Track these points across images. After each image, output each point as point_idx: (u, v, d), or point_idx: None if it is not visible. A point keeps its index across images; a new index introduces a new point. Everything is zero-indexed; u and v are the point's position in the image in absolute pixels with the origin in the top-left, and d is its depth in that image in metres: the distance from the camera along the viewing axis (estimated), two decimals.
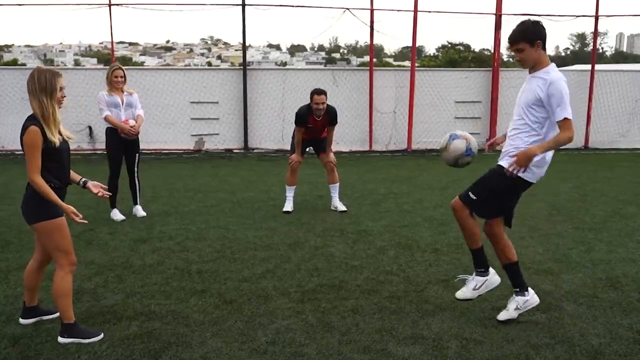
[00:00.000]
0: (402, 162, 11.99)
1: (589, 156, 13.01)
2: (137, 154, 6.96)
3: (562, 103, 3.61)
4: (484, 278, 4.08)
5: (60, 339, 3.63)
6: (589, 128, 14.15)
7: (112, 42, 13.16)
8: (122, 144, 6.80)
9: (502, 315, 3.99)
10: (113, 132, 6.76)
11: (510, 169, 3.77)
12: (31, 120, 3.56)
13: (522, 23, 3.78)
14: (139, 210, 6.98)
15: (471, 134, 14.02)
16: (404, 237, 6.06)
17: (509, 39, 3.77)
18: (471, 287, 4.08)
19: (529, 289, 4.04)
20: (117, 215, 6.78)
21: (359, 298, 4.37)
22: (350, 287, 4.61)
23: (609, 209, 7.45)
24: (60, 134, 3.66)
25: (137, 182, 6.99)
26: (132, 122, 6.75)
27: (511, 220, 4.12)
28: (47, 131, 3.55)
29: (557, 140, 3.68)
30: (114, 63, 8.44)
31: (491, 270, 4.13)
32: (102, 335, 3.69)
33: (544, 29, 3.75)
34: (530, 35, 3.70)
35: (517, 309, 3.98)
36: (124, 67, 6.98)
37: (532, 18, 3.88)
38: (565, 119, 3.60)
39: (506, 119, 14.02)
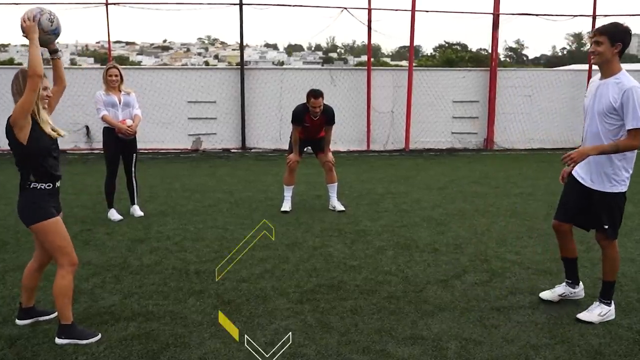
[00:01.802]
0: (400, 161, 11.98)
1: None
2: (135, 154, 6.94)
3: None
4: (610, 309, 4.08)
5: (58, 340, 3.61)
6: None
7: (109, 41, 13.12)
8: (119, 143, 6.76)
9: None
10: (110, 132, 6.73)
11: (566, 160, 3.82)
12: None
13: (616, 22, 3.82)
14: (137, 210, 6.96)
15: (469, 133, 13.98)
16: (403, 237, 6.05)
17: (597, 28, 3.81)
18: (597, 312, 4.03)
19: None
20: (114, 215, 6.75)
21: (357, 298, 4.36)
22: (349, 287, 4.59)
23: None
24: (53, 130, 3.63)
25: (134, 181, 6.96)
26: (129, 122, 6.72)
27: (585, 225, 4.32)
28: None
29: (617, 145, 3.73)
30: (110, 62, 8.43)
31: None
32: (99, 336, 3.67)
33: (630, 38, 3.79)
34: (613, 34, 3.72)
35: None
36: (120, 67, 6.94)
37: (624, 23, 3.84)
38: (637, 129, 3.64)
39: (504, 118, 14.05)
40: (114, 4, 12.71)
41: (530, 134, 14.18)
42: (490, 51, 14.71)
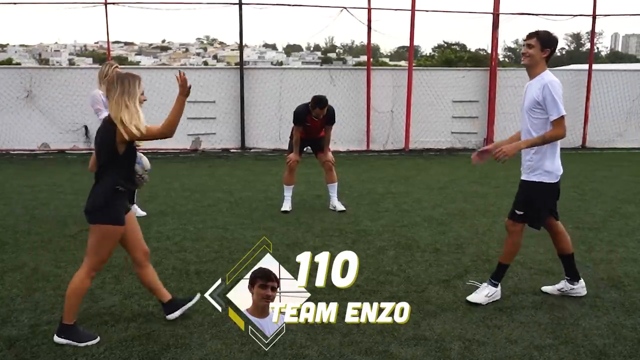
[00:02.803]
0: (399, 161, 11.95)
1: (587, 155, 13.01)
2: (138, 154, 6.89)
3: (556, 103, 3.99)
4: (497, 290, 4.33)
5: (56, 338, 3.58)
6: (586, 127, 14.15)
7: (107, 41, 13.07)
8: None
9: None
10: None
11: (499, 155, 4.07)
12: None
13: (549, 31, 4.10)
14: (138, 210, 6.91)
15: (468, 133, 13.98)
16: (404, 237, 6.02)
17: (530, 32, 4.09)
18: (485, 293, 4.27)
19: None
20: (139, 211, 6.69)
21: (359, 299, 4.32)
22: (350, 287, 4.54)
23: (608, 208, 7.43)
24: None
25: None
26: None
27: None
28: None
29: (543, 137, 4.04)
30: (109, 61, 8.35)
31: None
32: (97, 339, 3.62)
33: (555, 48, 4.13)
34: (546, 40, 4.04)
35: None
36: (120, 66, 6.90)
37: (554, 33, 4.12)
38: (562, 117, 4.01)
39: (503, 118, 14.02)
40: (113, 3, 12.67)
41: None
42: (489, 51, 14.70)
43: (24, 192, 8.26)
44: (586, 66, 14.51)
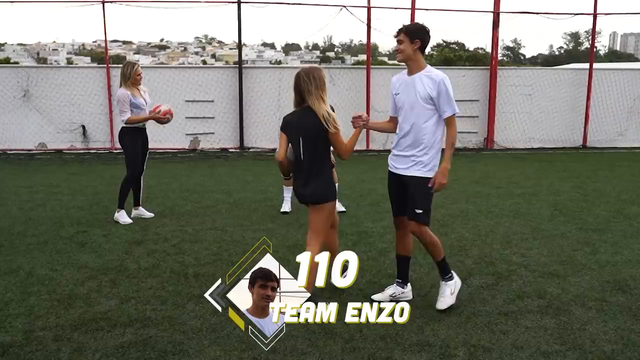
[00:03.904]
0: None
1: (588, 155, 12.93)
2: (148, 152, 6.81)
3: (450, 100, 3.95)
4: (454, 280, 4.23)
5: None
6: (587, 127, 14.07)
7: (105, 40, 12.96)
8: (143, 141, 6.63)
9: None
10: (135, 131, 6.53)
11: (435, 189, 4.07)
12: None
13: (416, 22, 4.09)
14: (144, 212, 6.79)
15: (468, 132, 13.89)
16: None
17: (398, 29, 4.04)
18: (448, 293, 4.16)
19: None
20: (125, 217, 6.53)
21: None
22: (352, 291, 4.46)
23: (611, 209, 7.34)
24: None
25: (142, 181, 6.83)
26: (164, 107, 6.47)
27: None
28: None
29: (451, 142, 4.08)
30: (129, 60, 8.17)
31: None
32: None
33: (428, 36, 4.06)
34: (412, 32, 3.98)
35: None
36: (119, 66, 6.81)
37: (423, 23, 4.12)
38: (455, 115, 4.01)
39: (503, 117, 13.95)
40: (111, 2, 12.57)
41: (530, 134, 14.08)
42: (487, 50, 14.61)
43: (20, 192, 8.16)
44: (586, 65, 14.43)
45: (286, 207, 7.10)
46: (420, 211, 4.06)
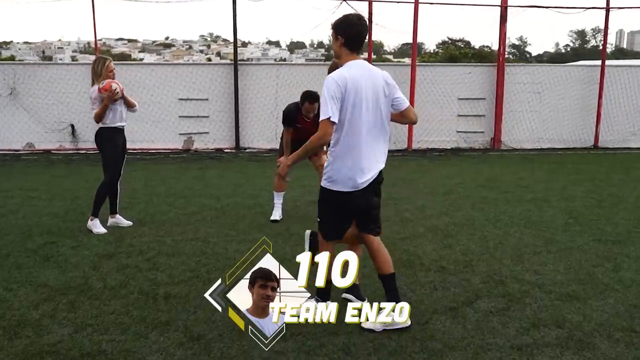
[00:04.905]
0: (402, 162, 11.26)
1: (600, 156, 12.31)
2: (125, 155, 6.29)
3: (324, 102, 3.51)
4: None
5: None
6: (598, 126, 13.44)
7: (95, 35, 12.44)
8: (123, 143, 6.16)
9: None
10: (115, 132, 6.06)
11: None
12: None
13: (343, 15, 3.68)
14: (122, 220, 6.24)
15: (475, 132, 13.14)
16: (405, 252, 5.35)
17: None
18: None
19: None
20: (99, 227, 5.99)
21: (351, 333, 3.67)
22: (341, 318, 3.88)
23: (631, 217, 6.74)
24: None
25: (119, 186, 6.28)
26: (114, 86, 5.87)
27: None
28: None
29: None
30: (99, 55, 7.73)
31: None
32: None
33: (353, 29, 3.59)
34: (334, 27, 3.63)
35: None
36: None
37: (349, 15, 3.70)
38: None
39: (511, 116, 13.36)
40: None
41: (539, 133, 13.47)
42: (493, 47, 14.00)
43: None
44: (597, 62, 13.81)
45: (276, 215, 6.54)
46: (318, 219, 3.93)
